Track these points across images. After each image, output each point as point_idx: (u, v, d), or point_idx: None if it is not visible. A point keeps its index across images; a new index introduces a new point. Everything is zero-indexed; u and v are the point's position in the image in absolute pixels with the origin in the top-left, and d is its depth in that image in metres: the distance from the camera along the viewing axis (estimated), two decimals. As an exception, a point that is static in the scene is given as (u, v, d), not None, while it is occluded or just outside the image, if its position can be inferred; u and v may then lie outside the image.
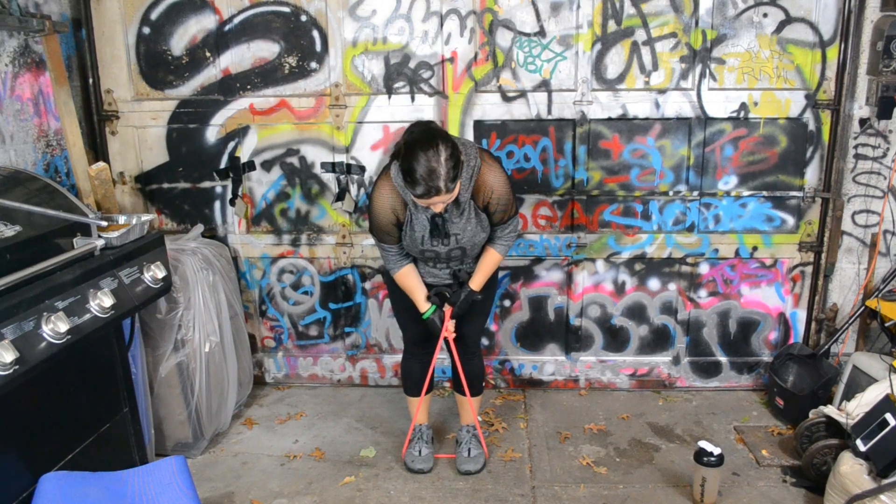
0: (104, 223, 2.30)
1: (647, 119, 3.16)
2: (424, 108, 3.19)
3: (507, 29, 3.09)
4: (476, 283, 2.59)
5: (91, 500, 1.85)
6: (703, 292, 3.36)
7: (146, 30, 3.18)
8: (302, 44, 3.16)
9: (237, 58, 3.19)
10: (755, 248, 3.27)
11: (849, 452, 2.36)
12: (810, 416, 2.76)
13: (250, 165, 3.32)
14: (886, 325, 2.96)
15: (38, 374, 1.85)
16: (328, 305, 3.50)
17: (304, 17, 3.13)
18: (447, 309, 2.60)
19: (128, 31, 3.18)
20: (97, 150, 3.29)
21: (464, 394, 2.85)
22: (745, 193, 3.21)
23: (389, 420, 3.26)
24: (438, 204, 2.26)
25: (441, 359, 2.87)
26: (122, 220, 2.47)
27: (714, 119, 3.13)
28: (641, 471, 2.81)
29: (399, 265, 2.56)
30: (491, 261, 2.57)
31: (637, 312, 3.41)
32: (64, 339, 1.89)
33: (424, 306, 2.60)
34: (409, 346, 2.84)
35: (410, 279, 2.58)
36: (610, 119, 3.16)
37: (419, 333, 2.74)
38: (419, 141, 2.18)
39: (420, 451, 2.84)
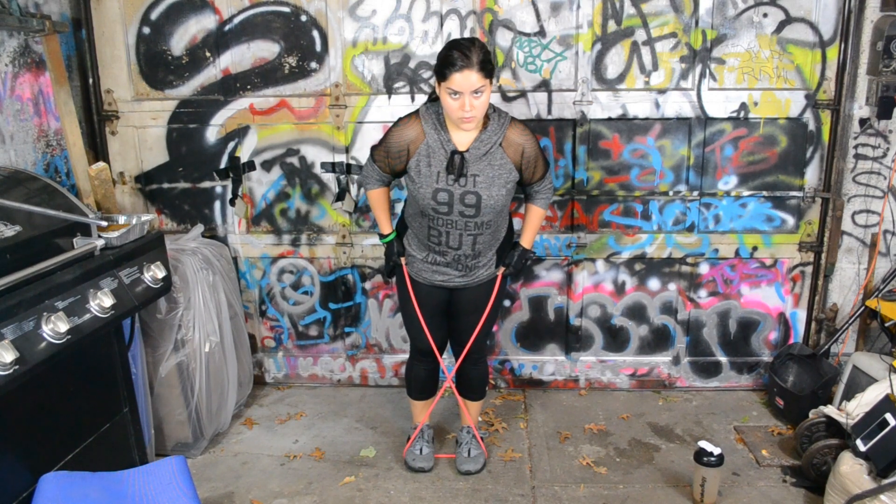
0: (104, 223, 2.30)
1: (647, 119, 3.16)
2: (424, 108, 3.19)
3: (507, 29, 3.09)
4: (527, 240, 2.62)
5: (91, 500, 1.85)
6: (703, 292, 3.36)
7: (146, 30, 3.18)
8: (302, 44, 3.16)
9: (237, 58, 3.19)
10: (755, 248, 3.27)
11: (849, 452, 2.36)
12: (810, 416, 2.76)
13: (250, 165, 3.32)
14: (886, 325, 2.96)
15: (38, 374, 1.85)
16: (328, 305, 3.50)
17: (304, 17, 3.13)
18: (500, 270, 2.62)
19: (128, 31, 3.18)
20: (97, 150, 3.29)
21: (466, 396, 2.85)
22: (745, 193, 3.21)
23: (389, 420, 3.26)
24: (469, 100, 2.22)
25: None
26: (122, 220, 2.47)
27: (714, 119, 3.13)
28: (641, 471, 2.81)
29: (376, 184, 2.59)
30: (535, 217, 2.61)
31: (637, 312, 3.41)
32: (64, 339, 1.89)
33: (387, 229, 2.65)
34: (416, 353, 2.81)
35: (381, 201, 2.63)
36: (610, 119, 3.16)
37: (427, 342, 2.69)
38: (456, 38, 2.40)
39: (421, 450, 2.85)
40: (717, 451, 2.50)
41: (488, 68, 2.24)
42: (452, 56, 2.22)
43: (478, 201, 2.40)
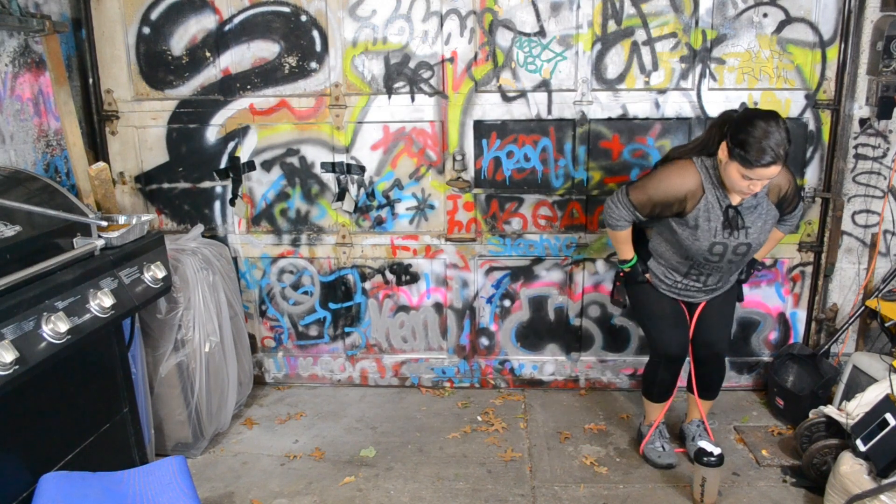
0: (104, 223, 2.30)
1: (647, 119, 3.16)
2: (424, 108, 3.19)
3: (507, 29, 3.09)
4: (760, 253, 2.71)
5: (91, 500, 1.85)
6: (703, 292, 3.36)
7: (146, 30, 3.18)
8: (302, 44, 3.16)
9: (237, 58, 3.19)
10: (755, 248, 3.27)
11: (849, 452, 2.36)
12: (810, 416, 2.76)
13: (250, 165, 3.32)
14: (886, 325, 2.96)
15: (38, 374, 1.85)
16: (328, 305, 3.50)
17: (304, 17, 3.13)
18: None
19: (128, 31, 3.18)
20: (97, 150, 3.29)
21: (705, 396, 2.86)
22: (745, 193, 3.21)
23: (389, 420, 3.26)
24: (759, 183, 2.24)
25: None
26: (122, 220, 2.47)
27: (714, 119, 3.13)
28: (641, 471, 2.81)
29: (627, 225, 2.60)
30: (774, 238, 2.67)
31: (637, 312, 3.41)
32: (64, 339, 1.89)
33: (630, 254, 2.68)
34: (663, 360, 2.74)
35: (628, 236, 2.64)
36: (610, 119, 3.16)
37: (679, 342, 2.70)
38: (759, 114, 2.22)
39: (663, 447, 2.86)
40: (717, 451, 2.50)
41: (787, 154, 2.21)
42: (762, 151, 2.15)
43: (748, 249, 2.48)
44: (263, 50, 3.18)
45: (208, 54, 3.20)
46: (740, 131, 2.21)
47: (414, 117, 3.21)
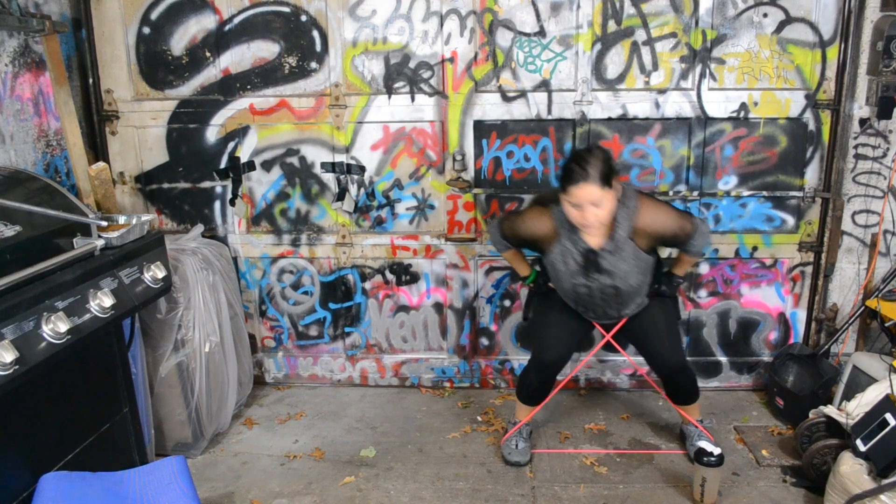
0: (104, 223, 2.30)
1: (647, 119, 3.16)
2: (424, 108, 3.19)
3: (507, 29, 3.09)
4: (679, 271, 2.75)
5: (91, 500, 1.85)
6: (703, 292, 3.36)
7: (146, 30, 3.18)
8: (302, 44, 3.16)
9: (237, 58, 3.19)
10: (755, 248, 3.27)
11: (849, 452, 2.36)
12: (810, 416, 2.76)
13: (250, 165, 3.32)
14: (886, 325, 2.96)
15: (38, 374, 1.85)
16: (328, 305, 3.50)
17: (304, 17, 3.13)
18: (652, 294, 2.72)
19: (128, 31, 3.18)
20: (97, 150, 3.29)
21: (682, 403, 2.90)
22: (745, 193, 3.21)
23: (389, 420, 3.26)
24: (588, 210, 2.30)
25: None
26: (122, 220, 2.47)
27: (714, 119, 3.13)
28: (641, 471, 2.81)
29: (504, 248, 2.76)
30: (687, 260, 2.72)
31: (637, 312, 3.41)
32: (64, 339, 1.89)
33: (526, 271, 2.83)
34: (538, 365, 2.80)
35: (516, 256, 2.80)
36: (610, 119, 3.16)
37: (555, 351, 2.75)
38: (580, 148, 2.44)
39: (517, 445, 2.87)
40: (717, 451, 2.50)
41: (608, 180, 2.29)
42: (572, 170, 2.29)
43: (617, 291, 2.54)
44: (263, 50, 3.18)
45: (208, 54, 3.20)
46: (562, 167, 2.39)
47: (414, 117, 3.21)
